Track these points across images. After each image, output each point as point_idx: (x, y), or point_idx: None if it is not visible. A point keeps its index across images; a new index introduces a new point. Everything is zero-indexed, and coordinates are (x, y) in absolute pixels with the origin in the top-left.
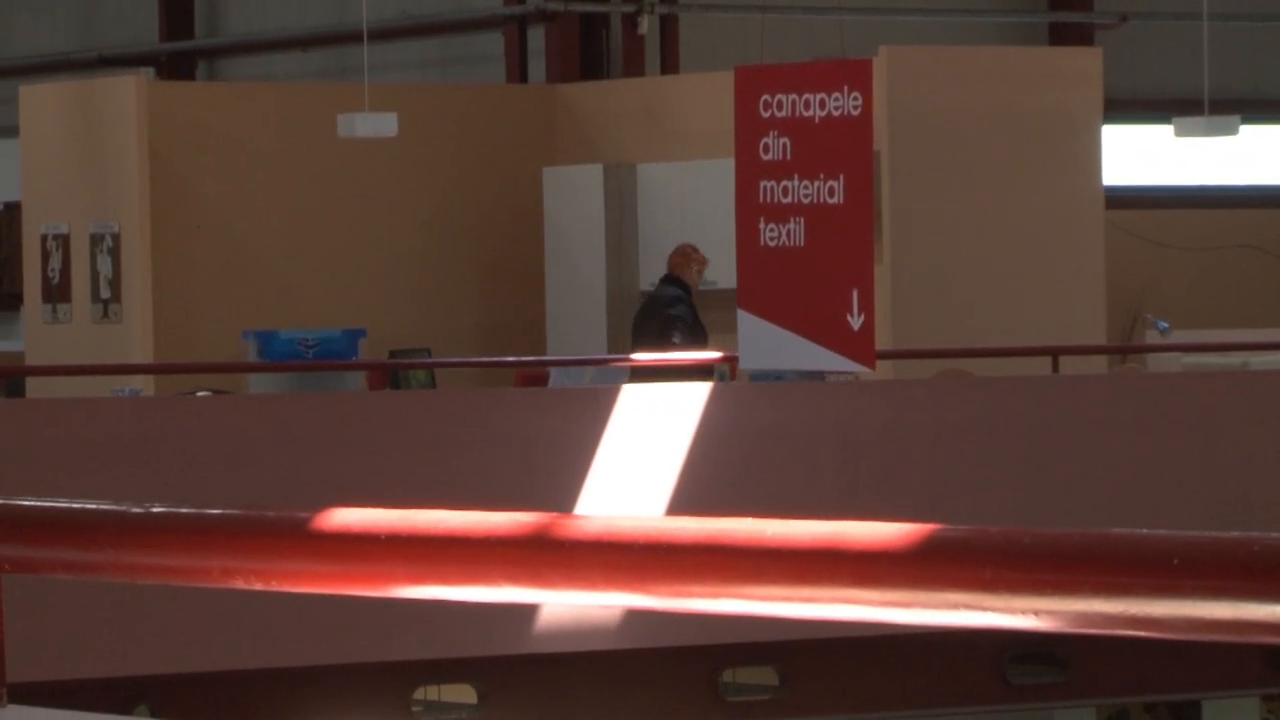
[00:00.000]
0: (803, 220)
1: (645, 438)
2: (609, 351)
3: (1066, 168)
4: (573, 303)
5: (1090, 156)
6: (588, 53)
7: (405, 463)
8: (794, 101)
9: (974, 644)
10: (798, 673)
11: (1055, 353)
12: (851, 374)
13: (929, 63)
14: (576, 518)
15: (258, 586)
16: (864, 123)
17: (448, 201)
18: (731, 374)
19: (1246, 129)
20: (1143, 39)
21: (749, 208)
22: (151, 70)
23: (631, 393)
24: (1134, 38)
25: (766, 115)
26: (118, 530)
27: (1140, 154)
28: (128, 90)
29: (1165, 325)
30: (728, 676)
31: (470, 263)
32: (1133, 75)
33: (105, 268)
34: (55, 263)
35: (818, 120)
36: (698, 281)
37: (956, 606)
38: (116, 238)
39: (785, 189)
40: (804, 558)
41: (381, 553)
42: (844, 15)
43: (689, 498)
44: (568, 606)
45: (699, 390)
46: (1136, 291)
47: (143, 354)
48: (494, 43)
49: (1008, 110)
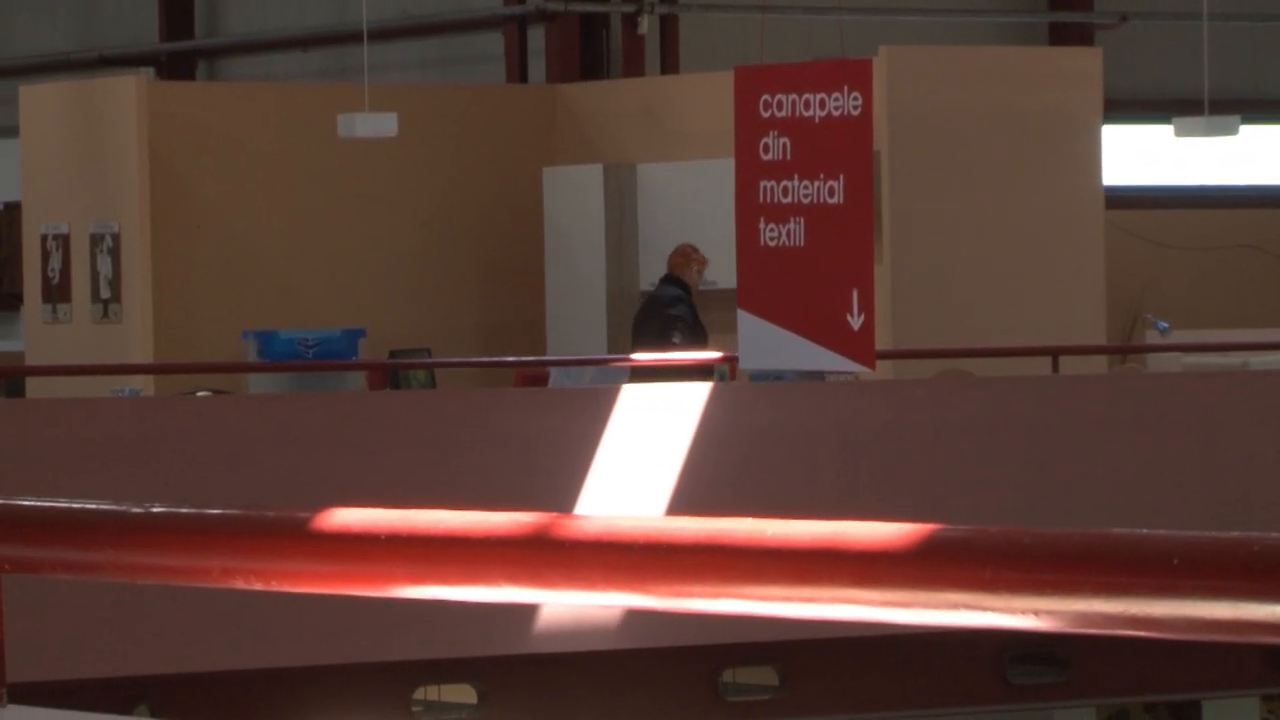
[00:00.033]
0: (803, 220)
1: (645, 438)
2: (609, 351)
3: (1066, 168)
4: (573, 303)
5: (1090, 156)
6: (588, 53)
7: (405, 463)
8: (794, 101)
9: (974, 644)
10: (798, 673)
11: (1055, 353)
12: (851, 374)
13: (929, 63)
14: (576, 518)
15: (258, 586)
16: (864, 123)
17: (448, 201)
18: (731, 374)
19: (1246, 129)
20: (1143, 39)
21: (749, 208)
22: (151, 70)
23: (631, 393)
24: (1134, 38)
25: (766, 115)
26: (118, 530)
27: (1140, 154)
28: (128, 90)
29: (1165, 325)
30: (728, 676)
31: (470, 263)
32: (1133, 75)
33: (105, 268)
34: (55, 263)
35: (818, 120)
36: (698, 281)
37: (956, 606)
38: (116, 238)
39: (785, 189)
40: (804, 558)
41: (381, 553)
42: (844, 15)
43: (689, 498)
44: (568, 606)
45: (699, 390)
46: (1136, 291)
47: (143, 354)
48: (494, 43)
49: (1008, 110)
